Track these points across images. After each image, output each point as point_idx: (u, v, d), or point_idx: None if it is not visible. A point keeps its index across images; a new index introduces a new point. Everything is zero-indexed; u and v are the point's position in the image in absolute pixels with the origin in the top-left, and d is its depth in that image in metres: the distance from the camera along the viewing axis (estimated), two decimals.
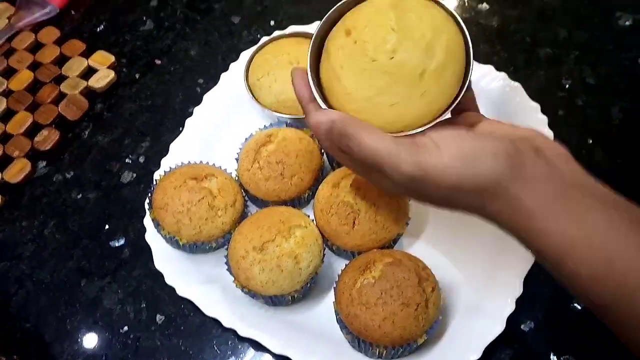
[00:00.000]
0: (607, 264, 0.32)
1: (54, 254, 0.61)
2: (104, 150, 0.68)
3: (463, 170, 0.34)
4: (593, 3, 0.76)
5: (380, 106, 0.39)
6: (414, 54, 0.38)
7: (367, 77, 0.39)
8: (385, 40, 0.38)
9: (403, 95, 0.39)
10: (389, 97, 0.39)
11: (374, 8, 0.41)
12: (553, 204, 0.34)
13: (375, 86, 0.39)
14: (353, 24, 0.41)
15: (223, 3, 0.81)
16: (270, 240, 0.50)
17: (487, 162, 0.34)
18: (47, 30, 0.79)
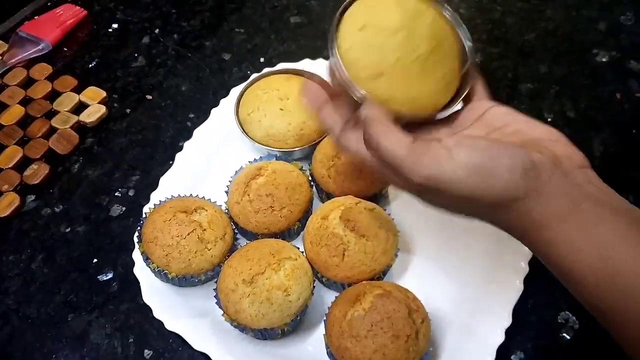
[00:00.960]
0: (613, 276, 0.32)
1: (41, 289, 0.60)
2: (93, 184, 0.68)
3: (476, 185, 0.34)
4: (570, 40, 0.79)
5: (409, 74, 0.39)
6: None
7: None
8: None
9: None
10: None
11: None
12: (564, 218, 0.34)
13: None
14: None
15: (214, 40, 0.83)
16: (260, 273, 0.50)
17: (502, 178, 0.34)
18: (40, 67, 0.80)
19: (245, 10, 0.87)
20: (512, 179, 0.34)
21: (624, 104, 0.71)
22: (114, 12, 0.88)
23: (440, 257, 0.58)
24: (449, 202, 0.37)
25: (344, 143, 0.40)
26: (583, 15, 0.82)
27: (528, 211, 0.35)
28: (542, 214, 0.34)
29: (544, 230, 0.35)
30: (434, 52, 0.40)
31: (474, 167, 0.34)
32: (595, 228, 0.34)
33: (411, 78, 0.40)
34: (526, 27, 0.81)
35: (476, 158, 0.34)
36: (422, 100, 0.41)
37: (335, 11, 0.41)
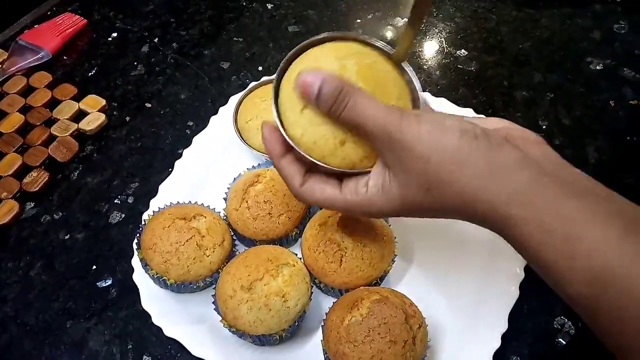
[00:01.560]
0: (585, 257, 0.31)
1: (39, 296, 0.60)
2: (93, 191, 0.69)
3: (431, 138, 0.34)
4: (565, 49, 0.80)
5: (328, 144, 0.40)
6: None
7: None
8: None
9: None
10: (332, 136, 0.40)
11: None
12: (528, 193, 0.33)
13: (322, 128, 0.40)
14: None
15: (213, 49, 0.84)
16: (258, 279, 0.50)
17: (454, 135, 0.34)
18: (39, 75, 0.80)
19: (243, 19, 0.88)
20: (464, 139, 0.34)
21: (618, 111, 0.72)
22: (114, 21, 0.89)
23: (437, 263, 0.58)
24: (412, 162, 0.35)
25: (304, 196, 0.41)
26: (577, 24, 0.83)
27: (487, 187, 0.33)
28: (503, 189, 0.33)
29: (508, 208, 0.33)
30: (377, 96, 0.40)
31: (433, 126, 0.35)
32: (562, 204, 0.32)
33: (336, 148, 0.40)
34: (521, 36, 0.82)
35: (436, 120, 0.35)
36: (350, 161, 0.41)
37: (332, 21, 0.42)
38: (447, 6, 0.87)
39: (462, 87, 0.76)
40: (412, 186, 0.36)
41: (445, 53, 0.81)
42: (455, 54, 0.81)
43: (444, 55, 0.80)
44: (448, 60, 0.80)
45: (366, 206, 0.39)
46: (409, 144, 0.35)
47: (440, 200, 0.36)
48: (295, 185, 0.41)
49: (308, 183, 0.41)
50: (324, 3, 0.89)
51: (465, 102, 0.73)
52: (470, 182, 0.34)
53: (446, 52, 0.81)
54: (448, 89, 0.76)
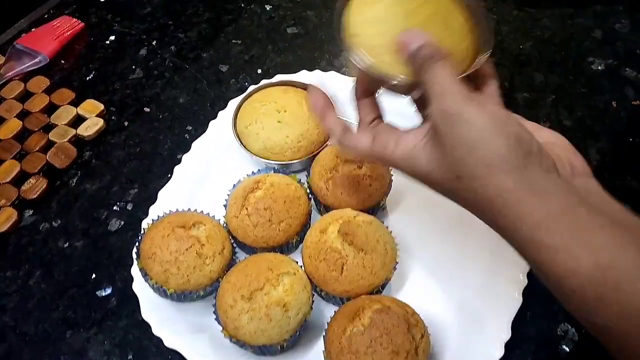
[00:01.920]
0: (613, 287, 0.30)
1: (38, 305, 0.60)
2: (91, 197, 0.68)
3: (487, 126, 0.34)
4: (566, 49, 0.79)
5: None
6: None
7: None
8: None
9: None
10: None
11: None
12: (558, 218, 0.32)
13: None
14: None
15: (211, 52, 0.83)
16: (259, 289, 0.50)
17: (509, 134, 0.34)
18: (37, 80, 0.80)
19: (241, 21, 0.87)
20: (519, 150, 0.33)
21: (620, 112, 0.72)
22: (111, 24, 0.88)
23: (439, 270, 0.58)
24: (459, 144, 0.35)
25: (346, 143, 0.43)
26: (579, 23, 0.82)
27: (519, 202, 0.33)
28: (534, 209, 0.33)
29: (535, 230, 0.33)
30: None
31: (493, 119, 0.34)
32: (593, 234, 0.32)
33: (437, 33, 0.40)
34: (522, 36, 0.81)
35: (497, 116, 0.34)
36: (457, 54, 0.40)
37: (332, 22, 0.42)
38: None
39: None
40: (442, 166, 0.36)
41: None
42: None
43: None
44: None
45: (390, 163, 0.40)
46: (460, 126, 0.34)
47: (467, 194, 0.36)
48: (337, 135, 0.43)
49: (346, 136, 0.43)
50: (323, 3, 0.88)
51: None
52: (503, 194, 0.33)
53: None
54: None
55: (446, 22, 0.42)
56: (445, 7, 0.42)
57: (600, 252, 0.31)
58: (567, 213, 0.32)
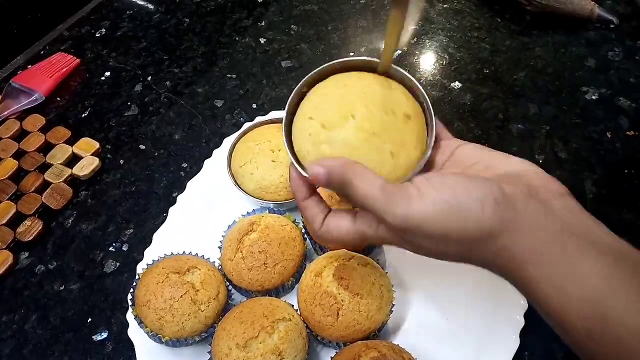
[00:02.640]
0: (601, 320, 0.31)
1: (34, 351, 0.60)
2: (87, 238, 0.68)
3: (448, 221, 0.34)
4: (559, 78, 0.79)
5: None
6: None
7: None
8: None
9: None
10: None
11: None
12: (546, 253, 0.32)
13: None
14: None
15: (206, 87, 0.83)
16: (254, 337, 0.49)
17: (473, 212, 0.33)
18: (33, 118, 0.80)
19: (236, 55, 0.88)
20: (485, 212, 0.33)
21: (615, 142, 0.72)
22: (107, 60, 0.89)
23: (436, 311, 0.57)
24: (427, 243, 0.36)
25: (323, 237, 0.41)
26: (572, 52, 0.82)
27: (506, 246, 0.33)
28: (522, 248, 0.33)
29: (526, 267, 0.33)
30: (387, 121, 0.40)
31: (443, 204, 0.34)
32: (580, 265, 0.31)
33: (378, 159, 0.40)
34: (515, 66, 0.82)
35: (445, 194, 0.34)
36: (396, 172, 0.41)
37: (326, 54, 0.43)
38: (440, 36, 0.87)
39: (457, 121, 0.76)
40: (425, 245, 0.36)
41: (440, 86, 0.80)
42: (449, 86, 0.80)
43: (438, 87, 0.80)
44: (442, 93, 0.79)
45: (379, 240, 0.39)
46: (417, 227, 0.34)
47: (457, 252, 0.36)
48: (316, 228, 0.41)
49: (325, 223, 0.41)
50: (317, 36, 0.89)
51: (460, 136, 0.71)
52: (489, 242, 0.34)
53: (440, 85, 0.80)
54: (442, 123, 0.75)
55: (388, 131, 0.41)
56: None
57: (587, 285, 0.31)
58: (553, 245, 0.32)
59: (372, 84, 0.42)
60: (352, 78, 0.43)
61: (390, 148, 0.40)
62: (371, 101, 0.41)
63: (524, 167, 0.38)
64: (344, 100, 0.41)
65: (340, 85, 0.43)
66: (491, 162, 0.39)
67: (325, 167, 0.37)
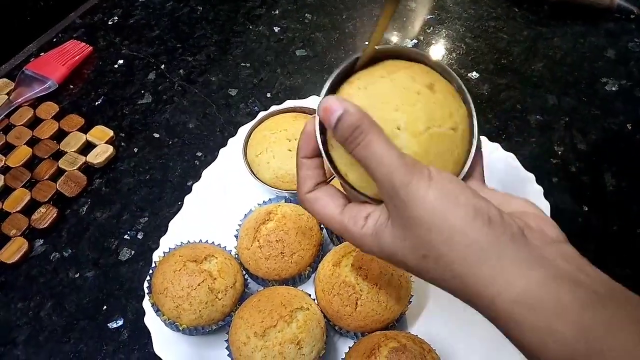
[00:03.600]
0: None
1: (50, 338, 0.60)
2: (102, 226, 0.68)
3: (436, 214, 0.31)
4: (578, 69, 0.78)
5: None
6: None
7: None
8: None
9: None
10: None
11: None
12: (536, 294, 0.29)
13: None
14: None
15: (220, 75, 0.83)
16: (272, 326, 0.49)
17: (462, 216, 0.31)
18: (46, 106, 0.80)
19: (250, 43, 0.87)
20: (475, 223, 0.31)
21: (635, 134, 0.71)
22: (120, 48, 0.88)
23: (454, 301, 0.56)
24: (416, 227, 0.32)
25: (306, 203, 0.39)
26: (591, 42, 0.81)
27: (491, 277, 0.30)
28: (507, 284, 0.30)
29: (513, 309, 0.30)
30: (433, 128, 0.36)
31: (442, 200, 0.31)
32: (581, 314, 0.28)
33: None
34: (533, 56, 0.80)
35: (450, 190, 0.32)
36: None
37: (340, 44, 0.39)
38: (457, 26, 0.86)
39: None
40: (406, 246, 0.33)
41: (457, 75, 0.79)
42: (466, 76, 0.79)
43: None
44: None
45: (358, 240, 0.37)
46: (411, 204, 0.32)
47: (437, 273, 0.33)
48: (303, 190, 0.39)
49: (315, 192, 0.39)
50: (331, 25, 0.88)
51: (478, 127, 0.72)
52: (472, 270, 0.31)
53: (457, 75, 0.79)
54: None
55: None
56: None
57: (590, 336, 0.28)
58: (542, 287, 0.29)
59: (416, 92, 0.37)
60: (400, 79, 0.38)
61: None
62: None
63: (525, 208, 0.36)
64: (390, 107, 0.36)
65: (387, 97, 0.37)
66: (499, 201, 0.36)
67: (343, 105, 0.34)
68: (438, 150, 0.36)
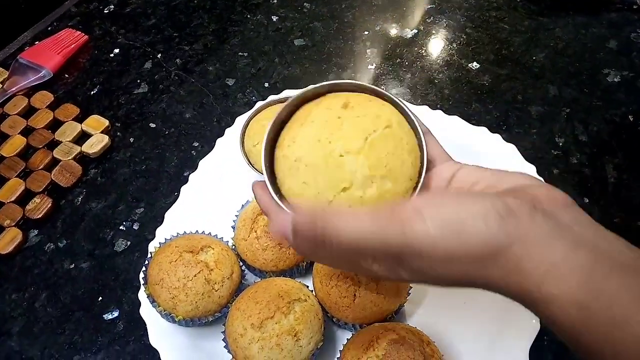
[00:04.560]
0: (635, 343, 0.27)
1: (44, 329, 0.59)
2: (97, 217, 0.67)
3: (452, 241, 0.30)
4: (580, 60, 0.77)
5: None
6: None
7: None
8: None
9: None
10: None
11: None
12: (561, 268, 0.29)
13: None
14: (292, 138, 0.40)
15: (217, 65, 0.82)
16: (269, 317, 0.48)
17: (477, 229, 0.30)
18: (41, 95, 0.79)
19: (247, 33, 0.86)
20: (489, 227, 0.30)
21: (637, 126, 0.70)
22: (115, 37, 0.87)
23: (453, 293, 0.56)
24: (427, 267, 0.32)
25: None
26: (593, 33, 0.80)
27: (515, 264, 0.30)
28: (533, 263, 0.30)
29: (542, 288, 0.29)
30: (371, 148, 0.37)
31: (444, 223, 0.30)
32: (605, 283, 0.28)
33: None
34: (534, 47, 0.80)
35: (446, 213, 0.31)
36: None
37: (339, 33, 0.40)
38: (458, 16, 0.85)
39: (474, 102, 0.74)
40: (425, 270, 0.32)
41: (457, 66, 0.78)
42: (467, 66, 0.78)
43: (455, 68, 0.78)
44: (460, 74, 0.77)
45: (365, 272, 0.35)
46: (419, 251, 0.31)
47: (461, 275, 0.32)
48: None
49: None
50: (330, 14, 0.87)
51: (478, 118, 0.71)
52: (497, 260, 0.30)
53: (457, 65, 0.78)
54: (460, 104, 0.73)
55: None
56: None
57: (614, 304, 0.28)
58: (567, 260, 0.29)
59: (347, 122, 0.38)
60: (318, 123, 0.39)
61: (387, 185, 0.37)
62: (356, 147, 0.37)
63: (526, 181, 0.35)
64: (328, 163, 0.37)
65: (316, 136, 0.38)
66: (492, 180, 0.36)
67: (287, 220, 0.34)
68: (387, 150, 0.37)
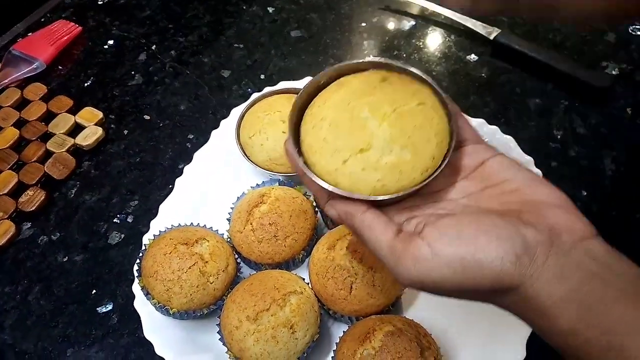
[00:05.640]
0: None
1: (38, 322, 0.58)
2: (91, 210, 0.66)
3: (465, 279, 0.32)
4: (579, 53, 0.77)
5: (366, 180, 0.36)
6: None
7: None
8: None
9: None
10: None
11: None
12: (572, 301, 0.31)
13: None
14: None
15: (212, 56, 0.81)
16: (265, 310, 0.48)
17: (492, 269, 0.31)
18: (34, 87, 0.78)
19: (243, 24, 0.85)
20: (505, 268, 0.31)
21: (635, 119, 0.69)
22: (110, 28, 0.86)
23: None
24: (439, 293, 0.34)
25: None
26: (591, 26, 0.80)
27: (527, 298, 0.31)
28: (541, 301, 0.31)
29: (546, 319, 0.31)
30: (399, 118, 0.36)
31: (460, 263, 0.31)
32: (610, 311, 0.30)
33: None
34: (533, 39, 0.79)
35: (462, 252, 0.32)
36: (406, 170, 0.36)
37: (336, 25, 0.39)
38: (455, 8, 0.84)
39: (472, 95, 0.73)
40: (437, 293, 0.35)
41: (455, 58, 0.78)
42: (465, 58, 0.78)
43: (453, 60, 0.77)
44: (458, 66, 0.77)
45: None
46: (428, 283, 0.33)
47: (471, 299, 0.34)
48: (322, 203, 0.38)
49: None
50: (327, 6, 0.86)
51: (475, 110, 0.71)
52: (508, 294, 0.32)
53: (455, 57, 0.78)
54: (458, 96, 0.73)
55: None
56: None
57: (622, 332, 0.29)
58: (574, 297, 0.30)
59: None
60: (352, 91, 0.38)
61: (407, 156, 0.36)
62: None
63: (552, 199, 0.35)
64: (352, 123, 0.36)
65: (347, 99, 0.37)
66: (523, 185, 0.35)
67: (336, 210, 0.37)
68: (415, 124, 0.36)
